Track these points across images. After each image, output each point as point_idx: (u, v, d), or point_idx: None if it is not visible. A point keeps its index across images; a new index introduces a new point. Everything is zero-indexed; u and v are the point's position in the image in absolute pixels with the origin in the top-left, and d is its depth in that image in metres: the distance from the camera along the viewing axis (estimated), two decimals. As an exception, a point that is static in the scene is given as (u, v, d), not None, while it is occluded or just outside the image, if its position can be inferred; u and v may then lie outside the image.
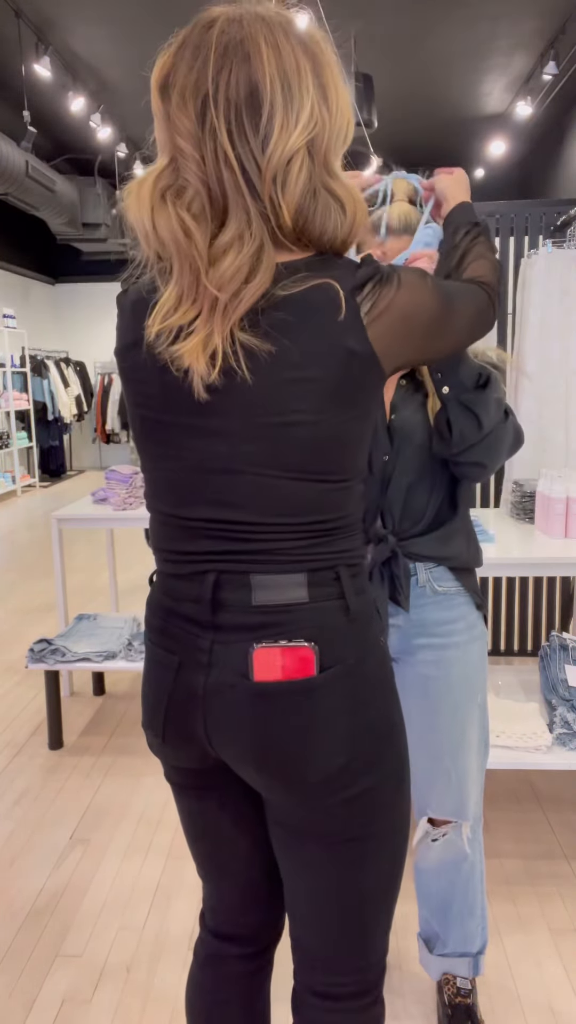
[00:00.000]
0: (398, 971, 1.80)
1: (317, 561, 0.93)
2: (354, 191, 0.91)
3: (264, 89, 0.83)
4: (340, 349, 0.87)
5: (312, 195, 0.87)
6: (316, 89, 0.86)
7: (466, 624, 1.48)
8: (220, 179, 0.84)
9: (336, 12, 5.26)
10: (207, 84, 0.82)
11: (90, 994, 1.76)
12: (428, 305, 0.94)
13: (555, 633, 2.50)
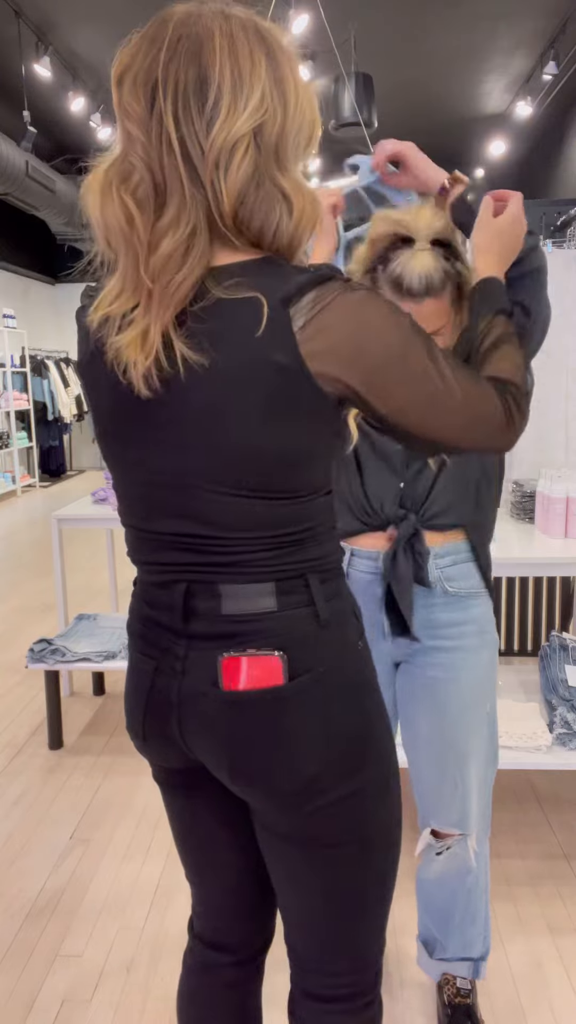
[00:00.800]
0: (398, 971, 1.80)
1: (285, 570, 0.92)
2: (307, 191, 0.88)
3: (213, 74, 0.81)
4: (266, 364, 0.83)
5: (256, 185, 0.84)
6: (270, 80, 0.84)
7: (478, 628, 1.45)
8: (162, 163, 0.82)
9: (336, 12, 5.26)
10: (157, 70, 0.82)
11: (90, 994, 1.76)
12: (386, 339, 0.86)
13: (555, 633, 2.50)
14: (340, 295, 0.84)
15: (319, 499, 0.93)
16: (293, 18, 4.98)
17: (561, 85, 6.57)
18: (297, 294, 0.83)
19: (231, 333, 0.83)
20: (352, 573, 1.48)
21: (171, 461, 0.90)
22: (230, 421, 0.85)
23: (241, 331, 0.83)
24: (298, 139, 0.88)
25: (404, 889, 2.01)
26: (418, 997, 1.73)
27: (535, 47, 6.40)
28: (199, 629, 0.93)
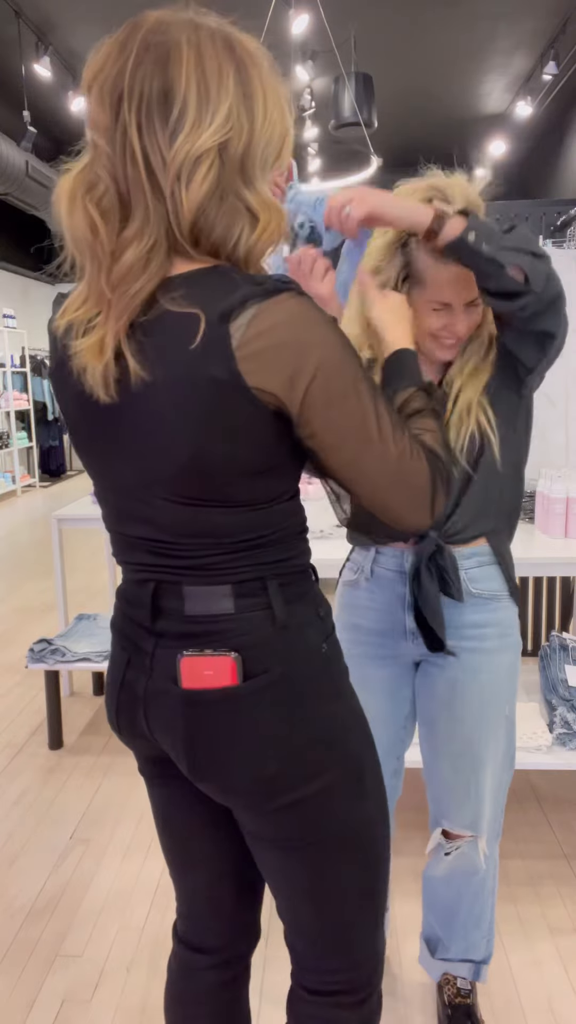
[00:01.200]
0: (398, 971, 1.80)
1: (243, 574, 0.93)
2: (274, 206, 0.87)
3: (179, 86, 0.81)
4: (203, 379, 0.82)
5: (218, 199, 0.84)
6: (238, 95, 0.83)
7: (500, 630, 1.44)
8: (126, 173, 0.82)
9: (336, 12, 5.26)
10: (124, 80, 0.81)
11: (90, 994, 1.76)
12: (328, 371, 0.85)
13: (555, 633, 2.50)
14: (283, 313, 0.83)
15: (280, 505, 0.94)
16: (293, 18, 4.98)
17: (561, 85, 6.57)
18: (239, 308, 0.82)
19: (172, 346, 0.83)
20: (376, 570, 1.48)
21: (128, 470, 0.92)
22: (175, 434, 0.86)
23: (180, 345, 0.82)
24: (266, 153, 0.87)
25: (405, 889, 2.01)
26: (418, 997, 1.73)
27: (535, 47, 6.40)
28: (165, 628, 0.96)
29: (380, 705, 1.53)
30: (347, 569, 1.56)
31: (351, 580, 1.54)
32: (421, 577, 1.40)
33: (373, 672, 1.52)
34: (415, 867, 2.06)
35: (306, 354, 0.84)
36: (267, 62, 0.87)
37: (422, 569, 1.40)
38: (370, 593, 1.49)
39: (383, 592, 1.47)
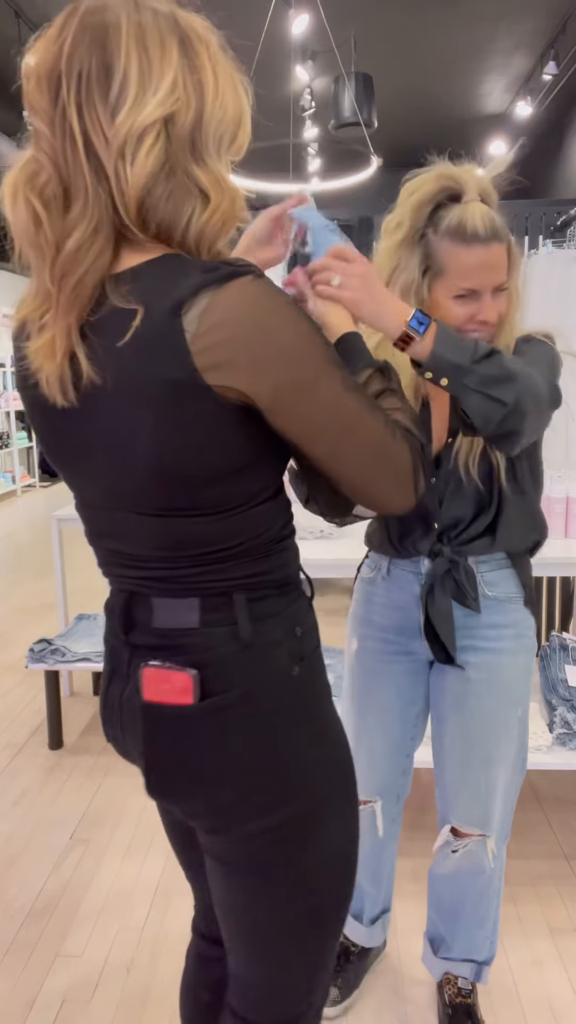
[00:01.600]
0: (399, 971, 1.80)
1: (210, 587, 0.88)
2: (228, 186, 0.81)
3: (118, 61, 0.75)
4: (158, 380, 0.76)
5: (165, 176, 0.77)
6: (184, 68, 0.78)
7: (516, 632, 1.44)
8: (67, 158, 0.77)
9: (336, 12, 5.26)
10: (61, 62, 0.76)
11: (90, 994, 1.76)
12: (295, 356, 0.79)
13: (555, 633, 2.50)
14: (240, 300, 0.76)
15: (258, 507, 0.88)
16: (293, 18, 4.98)
17: (561, 85, 6.57)
18: (190, 298, 0.75)
19: (123, 346, 0.77)
20: (393, 570, 1.49)
21: (93, 482, 0.88)
22: (132, 443, 0.80)
23: (131, 344, 0.77)
24: (220, 131, 0.81)
25: (406, 889, 2.01)
26: (419, 997, 1.73)
27: (535, 47, 6.40)
28: (137, 639, 0.93)
29: (392, 701, 1.54)
30: (365, 566, 1.57)
31: (369, 577, 1.55)
32: (435, 593, 1.40)
33: (386, 667, 1.52)
34: (416, 868, 2.06)
35: (270, 342, 0.78)
36: (216, 40, 0.82)
37: (436, 586, 1.40)
38: (387, 591, 1.50)
39: (400, 590, 1.48)
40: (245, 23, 5.69)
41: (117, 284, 0.79)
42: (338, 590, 4.69)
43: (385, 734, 1.56)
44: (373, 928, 1.73)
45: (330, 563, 2.38)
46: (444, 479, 1.39)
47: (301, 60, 5.60)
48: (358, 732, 1.58)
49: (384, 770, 1.59)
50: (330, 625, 1.59)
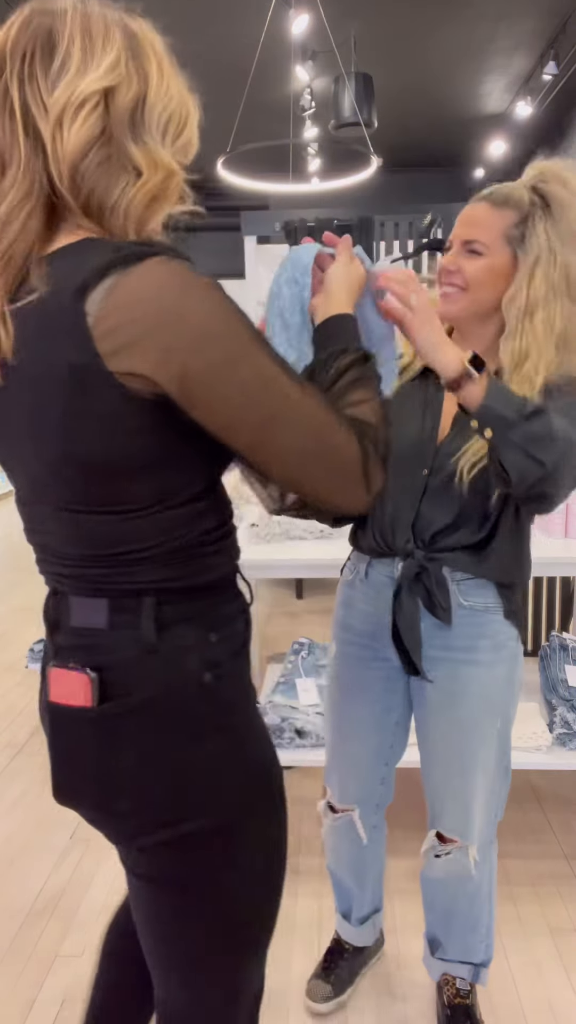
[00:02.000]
0: (398, 971, 1.80)
1: (120, 588, 0.85)
2: (164, 164, 0.80)
3: (62, 42, 0.77)
4: (61, 366, 0.74)
5: (100, 146, 0.77)
6: (127, 51, 0.79)
7: (493, 644, 1.39)
8: (4, 128, 0.77)
9: (336, 12, 5.26)
10: (7, 45, 0.77)
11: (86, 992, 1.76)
12: (208, 337, 0.75)
13: (555, 633, 2.50)
14: (148, 281, 0.73)
15: (172, 511, 0.83)
16: (293, 18, 4.98)
17: (561, 85, 6.57)
18: (95, 279, 0.73)
19: (33, 331, 0.76)
20: (371, 573, 1.47)
21: (20, 470, 0.88)
22: (41, 432, 0.79)
23: (39, 329, 0.76)
24: (163, 118, 0.82)
25: (404, 889, 2.01)
26: (418, 997, 1.73)
27: (535, 47, 6.40)
28: (59, 639, 0.92)
29: (369, 708, 1.52)
30: (347, 568, 1.56)
31: (348, 580, 1.53)
32: (402, 597, 1.37)
33: (363, 673, 1.51)
34: (414, 867, 2.06)
35: (178, 324, 0.74)
36: (161, 42, 0.84)
37: (403, 590, 1.37)
38: (364, 595, 1.48)
39: (376, 595, 1.45)
40: (245, 23, 5.70)
41: (39, 265, 0.77)
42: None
43: (363, 743, 1.54)
44: (363, 928, 1.73)
45: (329, 563, 2.38)
46: (435, 473, 1.35)
47: (301, 60, 5.60)
48: (335, 740, 1.58)
49: (362, 778, 1.57)
50: (330, 625, 1.59)
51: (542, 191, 1.27)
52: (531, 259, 1.25)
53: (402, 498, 1.37)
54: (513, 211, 1.27)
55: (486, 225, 1.28)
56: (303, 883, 2.11)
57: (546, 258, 1.25)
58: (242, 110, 5.84)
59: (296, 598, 4.58)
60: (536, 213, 1.26)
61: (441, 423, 1.37)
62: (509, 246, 1.27)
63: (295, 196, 7.20)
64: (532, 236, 1.25)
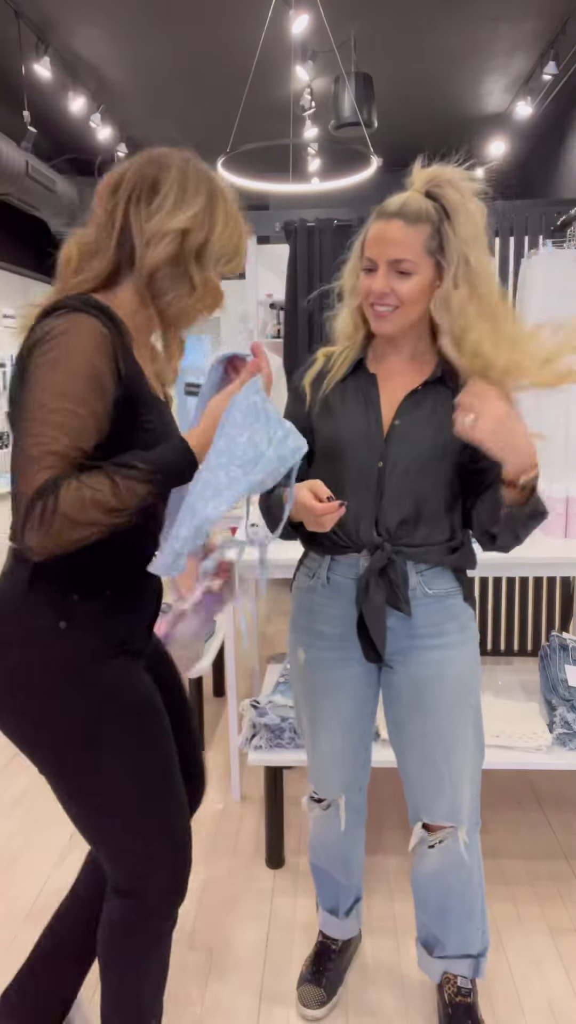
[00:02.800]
0: (398, 971, 1.80)
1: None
2: (213, 287, 1.21)
3: (165, 187, 1.16)
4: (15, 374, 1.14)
5: (171, 266, 1.17)
6: (207, 205, 1.18)
7: (458, 625, 1.47)
8: (106, 232, 1.18)
9: (336, 12, 5.26)
10: (126, 174, 1.18)
11: (90, 994, 1.76)
12: (41, 381, 1.07)
13: (555, 633, 2.50)
14: (55, 323, 1.08)
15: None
16: (293, 18, 4.97)
17: (561, 85, 6.57)
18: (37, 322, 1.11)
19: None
20: (332, 577, 1.48)
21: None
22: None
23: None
24: (220, 252, 1.20)
25: (404, 889, 2.01)
26: (419, 997, 1.73)
27: (535, 47, 6.39)
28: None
29: (347, 704, 1.55)
30: (301, 574, 1.56)
31: (308, 585, 1.54)
32: (369, 589, 1.41)
33: (339, 674, 1.53)
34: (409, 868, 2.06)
35: (38, 368, 1.08)
36: (234, 199, 1.23)
37: (371, 582, 1.41)
38: (328, 599, 1.50)
39: (341, 598, 1.48)
40: (245, 23, 5.70)
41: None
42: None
43: (344, 737, 1.57)
44: (348, 919, 1.76)
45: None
46: (389, 465, 1.41)
47: (301, 60, 5.59)
48: (316, 737, 1.60)
49: (346, 768, 1.61)
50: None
51: (438, 197, 1.34)
52: (453, 265, 1.33)
53: (361, 492, 1.42)
54: (426, 224, 1.33)
55: (407, 244, 1.33)
56: (303, 883, 2.11)
57: (463, 260, 1.33)
58: (242, 110, 5.84)
59: (296, 598, 4.58)
60: (444, 222, 1.33)
61: (383, 414, 1.43)
62: (431, 257, 1.34)
63: (295, 196, 7.19)
64: (448, 244, 1.33)
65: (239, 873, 2.16)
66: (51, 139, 8.11)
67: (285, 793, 2.19)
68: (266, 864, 2.19)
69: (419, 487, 1.40)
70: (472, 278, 1.33)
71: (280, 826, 2.17)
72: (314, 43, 5.61)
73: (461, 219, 1.33)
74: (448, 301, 1.34)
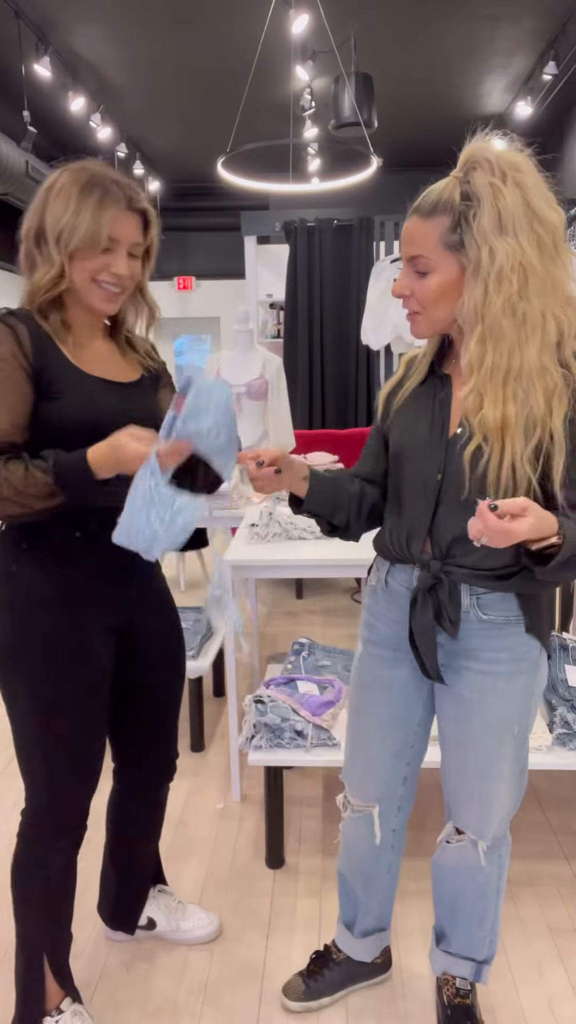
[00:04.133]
0: (398, 971, 1.80)
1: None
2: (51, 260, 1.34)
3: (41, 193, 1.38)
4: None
5: (28, 257, 1.39)
6: (42, 197, 1.37)
7: (513, 656, 1.36)
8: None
9: (336, 12, 5.26)
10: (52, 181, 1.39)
11: (90, 994, 1.76)
12: None
13: (555, 633, 2.50)
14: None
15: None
16: (293, 18, 4.97)
17: (561, 85, 6.57)
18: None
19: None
20: (390, 582, 1.46)
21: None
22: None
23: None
24: (57, 229, 1.32)
25: (407, 889, 2.01)
26: (419, 997, 1.73)
27: (535, 47, 6.39)
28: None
29: (391, 708, 1.51)
30: (371, 572, 1.55)
31: (372, 585, 1.54)
32: (417, 606, 1.37)
33: (387, 675, 1.50)
34: (416, 867, 2.06)
35: None
36: (73, 180, 1.33)
37: (419, 599, 1.37)
38: (385, 602, 1.49)
39: (397, 604, 1.45)
40: (245, 23, 5.70)
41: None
42: (338, 590, 4.69)
43: (383, 741, 1.53)
44: (364, 942, 1.71)
45: (329, 563, 2.38)
46: (449, 478, 1.31)
47: (301, 60, 5.59)
48: (355, 736, 1.58)
49: (382, 777, 1.56)
50: (330, 625, 1.59)
51: (466, 182, 1.19)
52: (472, 262, 1.19)
53: (417, 504, 1.36)
54: (444, 215, 1.20)
55: (420, 239, 1.23)
56: (303, 883, 2.11)
57: (487, 254, 1.18)
58: (242, 110, 5.84)
59: (296, 598, 4.58)
60: (469, 211, 1.19)
61: (451, 424, 1.33)
62: (453, 254, 1.21)
63: (295, 196, 7.19)
64: (469, 237, 1.19)
65: (239, 873, 2.16)
66: (51, 139, 8.10)
67: (285, 793, 2.19)
68: (266, 864, 2.19)
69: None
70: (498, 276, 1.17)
71: (280, 826, 2.17)
72: (314, 43, 5.61)
73: (486, 204, 1.16)
74: (465, 305, 1.21)
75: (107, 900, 1.85)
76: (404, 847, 1.68)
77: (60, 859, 1.52)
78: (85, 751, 1.49)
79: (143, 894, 1.85)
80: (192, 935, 1.89)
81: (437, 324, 1.30)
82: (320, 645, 2.67)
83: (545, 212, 1.19)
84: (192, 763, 2.73)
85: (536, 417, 1.20)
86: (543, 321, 1.20)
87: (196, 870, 2.18)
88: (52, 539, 1.40)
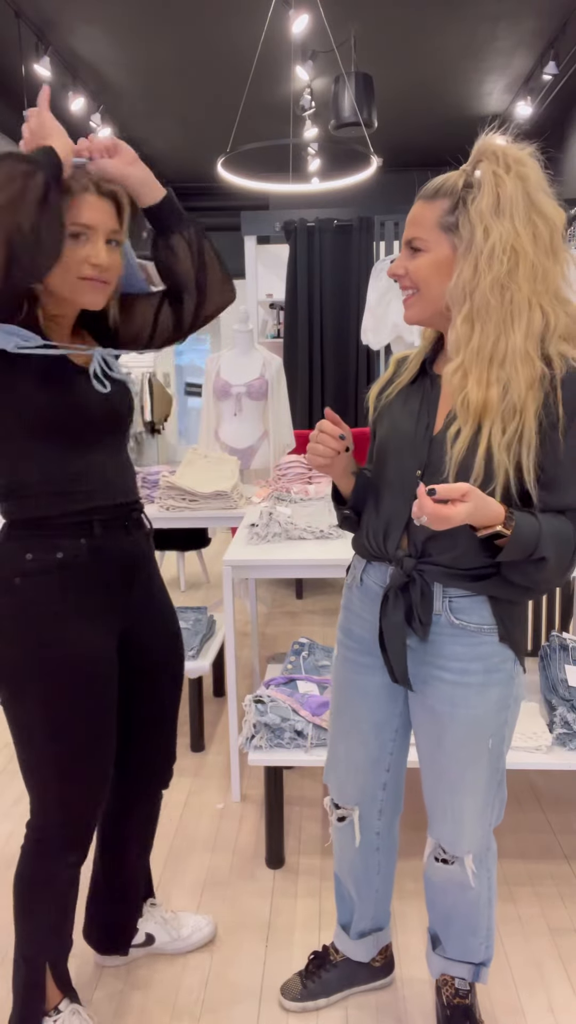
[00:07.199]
0: (397, 971, 1.80)
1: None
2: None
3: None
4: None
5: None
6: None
7: (485, 667, 1.33)
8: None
9: (336, 12, 5.26)
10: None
11: (90, 994, 1.76)
12: None
13: (555, 633, 2.50)
14: None
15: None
16: (293, 18, 4.97)
17: (561, 85, 6.57)
18: None
19: None
20: (365, 580, 1.46)
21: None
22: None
23: None
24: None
25: (407, 889, 2.02)
26: (418, 997, 1.73)
27: (535, 47, 6.39)
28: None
29: (366, 714, 1.50)
30: (349, 571, 1.55)
31: (348, 583, 1.53)
32: (388, 604, 1.35)
33: (361, 679, 1.49)
34: (416, 867, 2.06)
35: None
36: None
37: (390, 597, 1.34)
38: (360, 600, 1.47)
39: (370, 603, 1.44)
40: (245, 23, 5.70)
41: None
42: (338, 590, 4.69)
43: (360, 746, 1.52)
44: (360, 943, 1.70)
45: (329, 563, 2.38)
46: (429, 474, 1.30)
47: (301, 60, 5.59)
48: (335, 738, 1.57)
49: (360, 782, 1.55)
50: (330, 625, 1.59)
51: (472, 172, 1.24)
52: (464, 241, 1.22)
53: (395, 499, 1.35)
54: (445, 199, 1.25)
55: (420, 220, 1.27)
56: (303, 883, 2.11)
57: (479, 233, 1.20)
58: (242, 110, 5.84)
59: (296, 598, 4.58)
60: (469, 195, 1.22)
61: (436, 422, 1.33)
62: (447, 235, 1.25)
63: (295, 196, 7.19)
64: (464, 218, 1.22)
65: (239, 873, 2.16)
66: (51, 139, 8.10)
67: (285, 793, 2.19)
68: (266, 864, 2.19)
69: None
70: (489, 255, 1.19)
71: (280, 826, 2.17)
72: (314, 43, 5.61)
73: (487, 189, 1.20)
74: (455, 284, 1.23)
75: (98, 921, 1.78)
76: (398, 848, 1.67)
77: (68, 874, 1.51)
78: (97, 762, 1.45)
79: (136, 910, 1.81)
80: (193, 940, 1.86)
81: (429, 306, 1.30)
82: (320, 645, 2.67)
83: (545, 206, 1.23)
84: (192, 763, 2.73)
85: (516, 405, 1.21)
86: (529, 308, 1.21)
87: (196, 870, 2.18)
88: (58, 551, 1.37)
